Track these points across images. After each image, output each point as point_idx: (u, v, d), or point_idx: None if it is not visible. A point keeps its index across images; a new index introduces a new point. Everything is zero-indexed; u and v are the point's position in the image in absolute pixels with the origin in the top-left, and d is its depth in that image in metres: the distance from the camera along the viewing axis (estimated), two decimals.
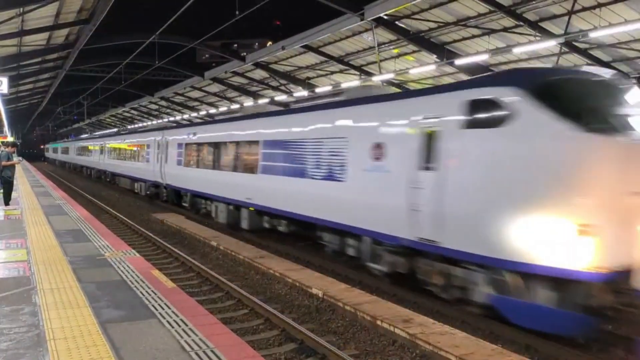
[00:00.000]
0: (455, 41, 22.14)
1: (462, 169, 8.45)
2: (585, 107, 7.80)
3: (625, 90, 8.29)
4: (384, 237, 10.21)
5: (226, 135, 17.70)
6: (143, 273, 8.49)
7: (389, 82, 28.22)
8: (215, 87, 41.01)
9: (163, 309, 6.65)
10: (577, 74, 8.83)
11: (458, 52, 22.57)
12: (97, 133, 68.08)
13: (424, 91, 11.53)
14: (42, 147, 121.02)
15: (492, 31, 20.22)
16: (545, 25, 18.89)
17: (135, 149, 29.83)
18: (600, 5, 16.84)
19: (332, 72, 29.68)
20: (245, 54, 32.33)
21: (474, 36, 21.26)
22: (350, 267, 12.21)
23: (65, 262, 9.11)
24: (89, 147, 44.99)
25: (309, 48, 26.61)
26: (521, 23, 18.82)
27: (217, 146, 18.31)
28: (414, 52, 24.28)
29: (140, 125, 58.84)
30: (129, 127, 65.56)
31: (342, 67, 28.25)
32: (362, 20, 20.16)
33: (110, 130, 70.01)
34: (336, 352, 7.26)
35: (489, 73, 18.36)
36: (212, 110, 43.76)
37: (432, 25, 20.88)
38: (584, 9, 17.21)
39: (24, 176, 33.98)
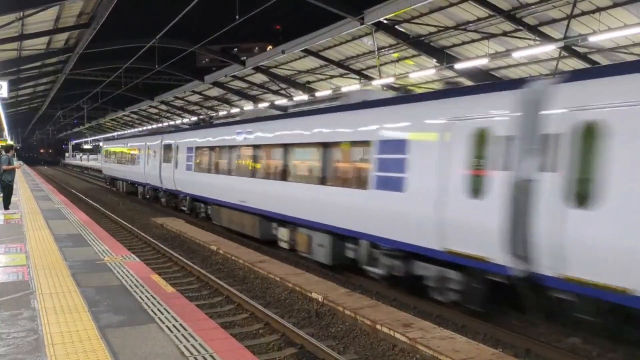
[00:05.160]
0: (455, 45, 22.19)
1: None
2: None
3: None
4: None
5: None
6: (142, 277, 8.47)
7: (389, 86, 28.31)
8: (216, 91, 41.08)
9: (162, 313, 6.62)
10: None
11: (458, 56, 22.62)
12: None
13: None
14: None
15: (492, 35, 20.28)
16: (544, 29, 18.93)
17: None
18: (599, 10, 16.89)
19: (332, 76, 29.74)
20: (245, 58, 32.38)
21: (473, 40, 21.30)
22: (351, 272, 12.19)
23: (64, 266, 9.09)
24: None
25: (309, 52, 26.67)
26: (521, 27, 18.87)
27: None
28: (413, 56, 24.34)
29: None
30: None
31: (342, 71, 28.32)
32: (362, 24, 20.23)
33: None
34: (336, 357, 7.23)
35: None
36: (212, 114, 43.56)
37: (432, 29, 20.93)
38: (584, 13, 17.25)
39: (24, 180, 33.96)
